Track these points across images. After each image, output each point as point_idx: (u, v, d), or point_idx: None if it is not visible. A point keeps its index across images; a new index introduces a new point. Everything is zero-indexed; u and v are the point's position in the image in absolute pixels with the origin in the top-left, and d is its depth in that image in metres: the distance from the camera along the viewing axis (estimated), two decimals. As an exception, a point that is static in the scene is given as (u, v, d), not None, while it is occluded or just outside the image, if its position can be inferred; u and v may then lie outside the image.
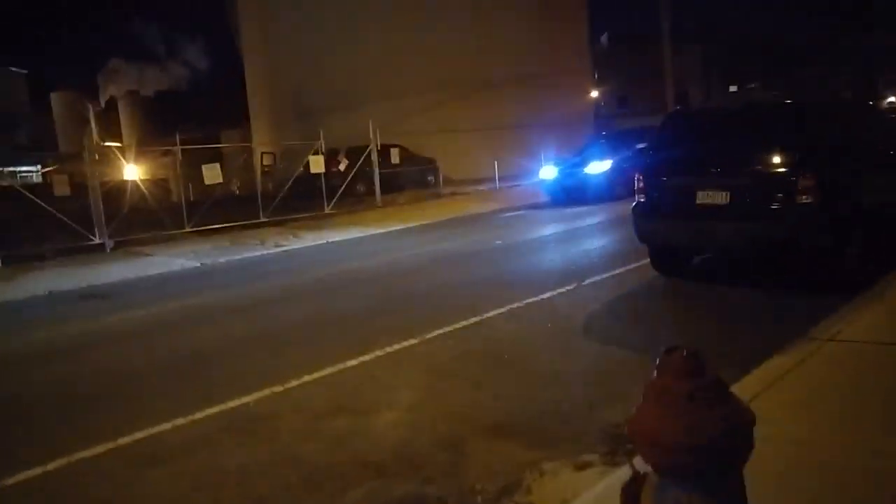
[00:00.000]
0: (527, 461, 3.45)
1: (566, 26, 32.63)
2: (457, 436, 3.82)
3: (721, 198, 6.27)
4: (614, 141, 17.80)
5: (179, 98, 45.19)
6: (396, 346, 5.50)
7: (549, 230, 12.55)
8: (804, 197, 5.84)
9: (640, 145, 16.84)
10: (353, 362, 5.21)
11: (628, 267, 7.74)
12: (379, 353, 5.39)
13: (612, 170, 15.94)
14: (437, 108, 27.55)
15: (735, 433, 1.71)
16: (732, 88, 43.59)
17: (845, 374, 3.89)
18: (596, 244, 10.37)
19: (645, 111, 34.54)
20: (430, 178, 22.77)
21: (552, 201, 16.59)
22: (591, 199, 15.43)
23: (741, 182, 6.24)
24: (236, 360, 5.73)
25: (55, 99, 43.53)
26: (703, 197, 6.38)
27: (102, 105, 43.88)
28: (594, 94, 37.94)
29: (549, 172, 17.46)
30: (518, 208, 16.60)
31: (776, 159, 6.22)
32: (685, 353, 1.77)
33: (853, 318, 4.79)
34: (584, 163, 16.56)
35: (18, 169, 41.96)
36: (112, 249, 13.74)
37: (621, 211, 13.42)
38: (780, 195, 5.99)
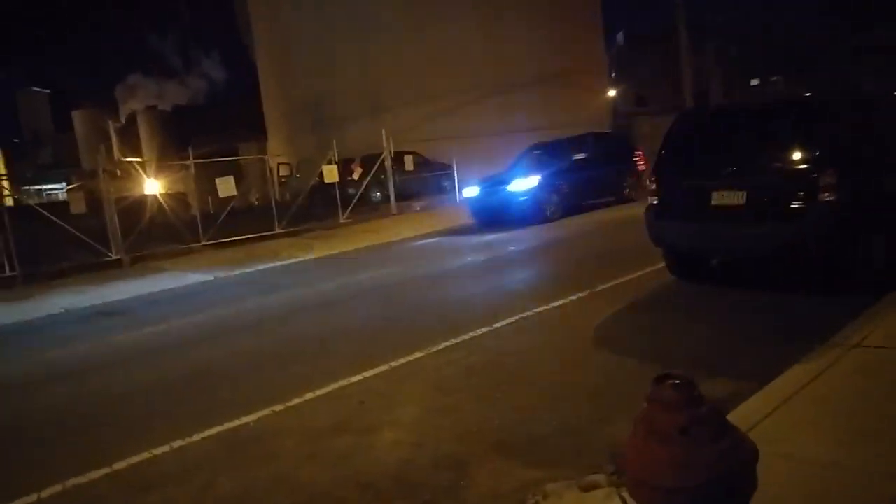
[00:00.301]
0: (530, 481, 3.28)
1: (579, 26, 32.36)
2: (459, 455, 3.67)
3: (737, 198, 6.04)
4: (550, 152, 15.46)
5: (197, 111, 45.72)
6: (402, 361, 5.36)
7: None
8: (825, 195, 5.58)
9: (579, 156, 14.94)
10: (357, 378, 5.08)
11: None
12: (384, 367, 5.26)
13: (541, 187, 13.80)
14: (453, 114, 27.45)
15: (734, 472, 1.53)
16: (754, 82, 42.86)
17: (872, 383, 3.66)
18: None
19: (664, 110, 34.10)
20: (446, 183, 22.62)
21: (477, 224, 14.42)
22: (516, 221, 13.39)
23: (758, 181, 6.01)
24: (240, 377, 5.64)
25: (77, 117, 44.36)
26: (717, 198, 6.15)
27: (123, 121, 44.60)
28: (611, 93, 37.59)
29: (472, 191, 15.17)
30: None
31: (795, 156, 5.98)
32: (677, 382, 1.60)
33: (881, 322, 4.54)
34: (507, 179, 14.21)
35: (44, 187, 42.72)
36: (129, 265, 13.81)
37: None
38: (799, 194, 5.74)
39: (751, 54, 41.74)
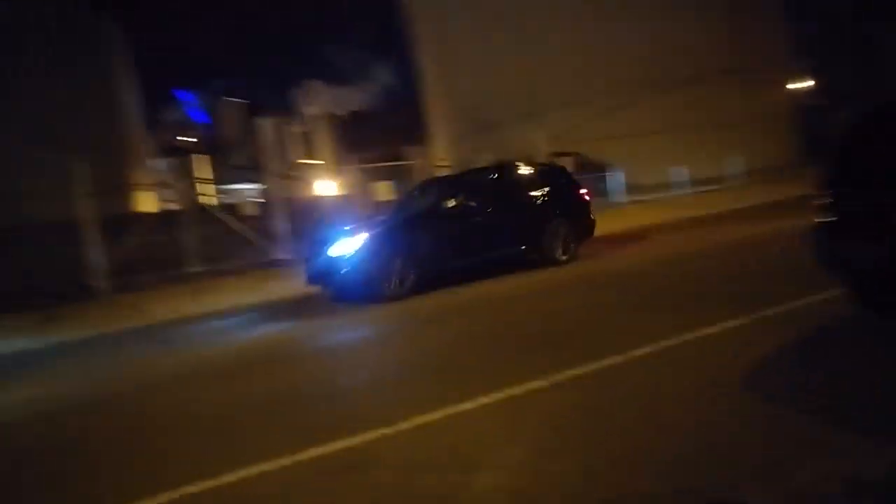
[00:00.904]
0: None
1: (757, 8, 29.59)
2: (558, 513, 3.25)
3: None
4: (425, 193, 11.68)
5: (369, 116, 48.36)
6: (519, 389, 4.98)
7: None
8: None
9: (453, 202, 10.55)
10: (470, 405, 4.79)
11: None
12: (499, 395, 4.92)
13: (372, 250, 9.59)
14: (617, 112, 26.39)
15: None
16: None
17: None
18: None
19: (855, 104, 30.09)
20: (602, 185, 21.70)
21: (336, 294, 10.41)
22: (346, 294, 9.94)
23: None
24: (362, 391, 5.64)
25: (263, 123, 48.89)
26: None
27: (302, 126, 48.41)
28: (799, 85, 33.94)
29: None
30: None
31: None
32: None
33: None
34: (333, 238, 10.05)
35: (238, 187, 47.71)
36: (291, 265, 14.73)
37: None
38: None
39: None
